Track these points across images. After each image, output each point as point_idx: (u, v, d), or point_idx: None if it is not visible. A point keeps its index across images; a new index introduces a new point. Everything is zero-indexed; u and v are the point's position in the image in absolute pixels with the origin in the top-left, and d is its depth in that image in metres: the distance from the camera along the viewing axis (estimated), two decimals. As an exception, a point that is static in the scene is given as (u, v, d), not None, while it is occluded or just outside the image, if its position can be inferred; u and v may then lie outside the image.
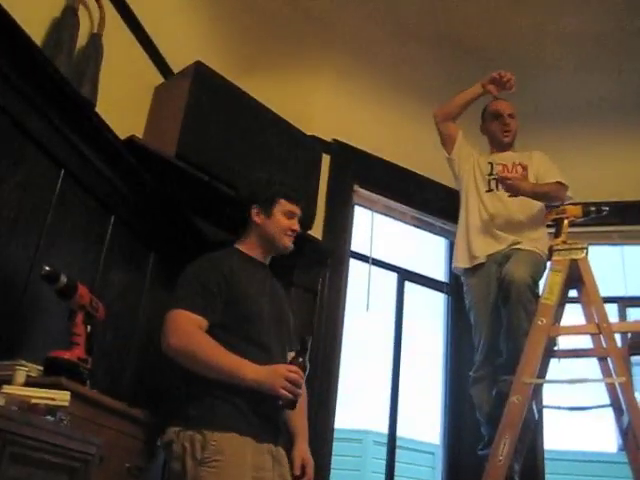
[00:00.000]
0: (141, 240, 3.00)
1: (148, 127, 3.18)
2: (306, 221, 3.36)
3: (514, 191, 3.33)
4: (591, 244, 4.64)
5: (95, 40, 2.71)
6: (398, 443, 4.14)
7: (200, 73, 3.06)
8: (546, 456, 4.48)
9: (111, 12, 2.89)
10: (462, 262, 3.47)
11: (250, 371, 2.06)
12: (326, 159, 4.11)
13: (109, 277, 2.72)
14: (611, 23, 4.10)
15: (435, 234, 4.66)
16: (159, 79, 3.39)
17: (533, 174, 3.49)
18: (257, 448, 2.07)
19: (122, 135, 2.73)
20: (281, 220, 2.33)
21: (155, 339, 2.36)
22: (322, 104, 4.34)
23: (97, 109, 2.55)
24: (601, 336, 2.86)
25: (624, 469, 2.62)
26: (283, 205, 2.34)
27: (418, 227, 4.63)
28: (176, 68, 3.38)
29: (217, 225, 3.10)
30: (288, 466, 2.23)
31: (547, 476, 4.43)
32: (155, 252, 3.09)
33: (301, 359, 2.13)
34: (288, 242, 2.35)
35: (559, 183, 3.39)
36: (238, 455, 2.01)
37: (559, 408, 3.07)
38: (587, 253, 3.10)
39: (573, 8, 4.03)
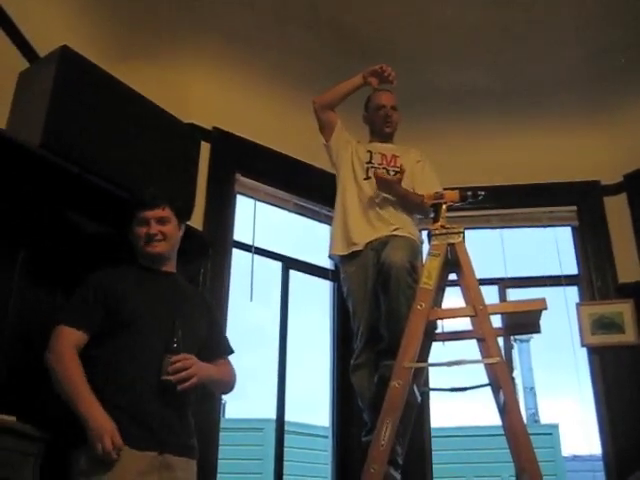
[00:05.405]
0: (7, 237, 2.82)
1: (12, 116, 2.98)
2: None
3: (386, 189, 3.36)
4: (471, 228, 4.83)
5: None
6: (292, 429, 4.15)
7: (66, 58, 2.86)
8: (433, 434, 4.62)
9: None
10: (339, 249, 3.48)
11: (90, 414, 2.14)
12: (206, 147, 4.03)
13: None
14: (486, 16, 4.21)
15: (320, 221, 4.67)
16: (24, 64, 3.18)
17: (408, 170, 3.49)
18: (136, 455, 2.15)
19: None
20: (136, 232, 2.50)
21: (26, 339, 2.30)
22: (201, 92, 4.24)
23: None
24: (478, 318, 2.92)
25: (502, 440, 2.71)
26: (137, 216, 2.50)
27: (302, 215, 4.63)
28: (44, 53, 3.15)
29: (90, 217, 2.96)
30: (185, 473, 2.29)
31: (434, 453, 4.57)
32: (25, 248, 2.92)
33: (174, 344, 2.27)
34: (149, 248, 2.49)
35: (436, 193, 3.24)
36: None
37: (441, 390, 3.11)
38: (464, 237, 3.11)
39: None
